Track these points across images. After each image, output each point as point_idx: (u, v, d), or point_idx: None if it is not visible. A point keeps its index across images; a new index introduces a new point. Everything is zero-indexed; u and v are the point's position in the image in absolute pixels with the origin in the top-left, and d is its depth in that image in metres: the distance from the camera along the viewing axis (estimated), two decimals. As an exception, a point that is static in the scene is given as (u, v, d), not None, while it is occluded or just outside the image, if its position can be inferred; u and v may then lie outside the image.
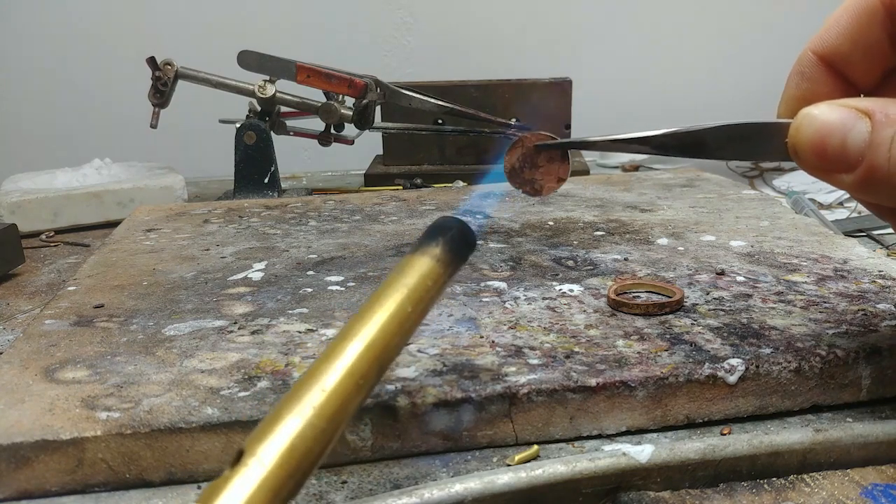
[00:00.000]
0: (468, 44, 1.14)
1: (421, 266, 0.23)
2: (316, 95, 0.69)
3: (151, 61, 0.66)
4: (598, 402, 0.28)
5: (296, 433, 0.18)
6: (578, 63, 1.12)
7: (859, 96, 0.28)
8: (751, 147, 0.27)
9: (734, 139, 0.27)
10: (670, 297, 0.34)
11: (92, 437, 0.25)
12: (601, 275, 0.39)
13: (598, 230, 0.48)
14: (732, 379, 0.28)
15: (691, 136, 0.27)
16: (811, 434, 0.26)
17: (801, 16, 1.22)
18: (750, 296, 0.35)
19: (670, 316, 0.33)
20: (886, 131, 0.24)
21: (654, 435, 0.28)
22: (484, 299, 0.36)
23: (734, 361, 0.28)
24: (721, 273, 0.39)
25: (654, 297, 0.35)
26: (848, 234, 0.54)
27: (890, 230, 0.57)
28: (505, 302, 0.36)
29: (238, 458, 0.17)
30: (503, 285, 0.38)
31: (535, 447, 0.27)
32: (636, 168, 0.91)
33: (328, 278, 0.40)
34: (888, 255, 0.50)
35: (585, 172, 0.77)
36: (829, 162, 0.25)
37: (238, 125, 0.70)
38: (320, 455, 0.19)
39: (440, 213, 0.54)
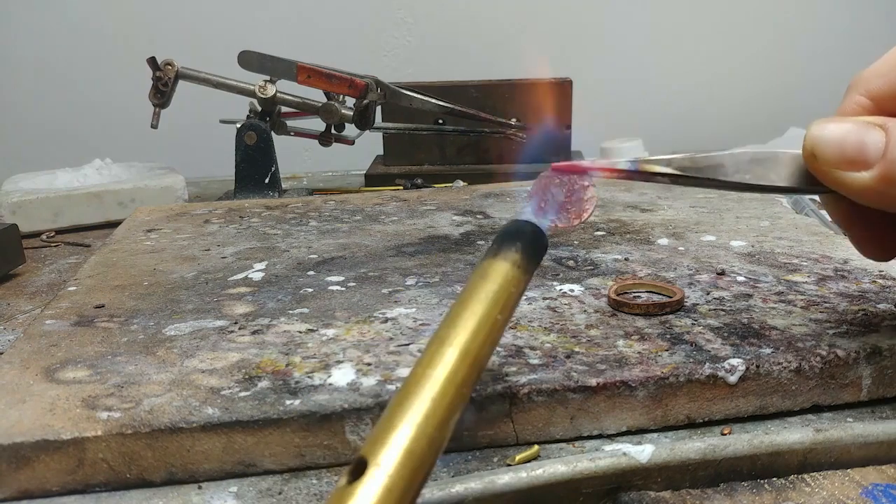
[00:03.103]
0: (468, 44, 1.14)
1: (503, 272, 0.23)
2: (316, 95, 0.69)
3: (152, 61, 0.66)
4: (598, 401, 0.28)
5: (411, 440, 0.18)
6: (578, 63, 1.12)
7: None
8: (765, 170, 0.28)
9: (751, 162, 0.28)
10: (671, 297, 0.34)
11: (92, 436, 0.25)
12: (602, 275, 0.39)
13: (598, 230, 0.48)
14: (733, 379, 0.28)
15: (709, 160, 0.28)
16: (811, 434, 0.26)
17: (801, 15, 1.22)
18: (750, 296, 0.35)
19: (671, 316, 0.33)
20: None
21: (655, 435, 0.28)
22: (484, 299, 0.36)
23: (735, 361, 0.28)
24: (721, 273, 0.39)
25: (655, 297, 0.35)
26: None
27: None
28: (505, 302, 0.36)
29: (360, 467, 0.18)
30: (503, 285, 0.38)
31: (536, 447, 0.27)
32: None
33: (329, 278, 0.40)
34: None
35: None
36: (847, 159, 0.26)
37: (239, 125, 0.70)
38: (432, 464, 0.19)
39: (441, 213, 0.54)
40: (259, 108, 0.70)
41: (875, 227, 0.29)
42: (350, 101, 0.68)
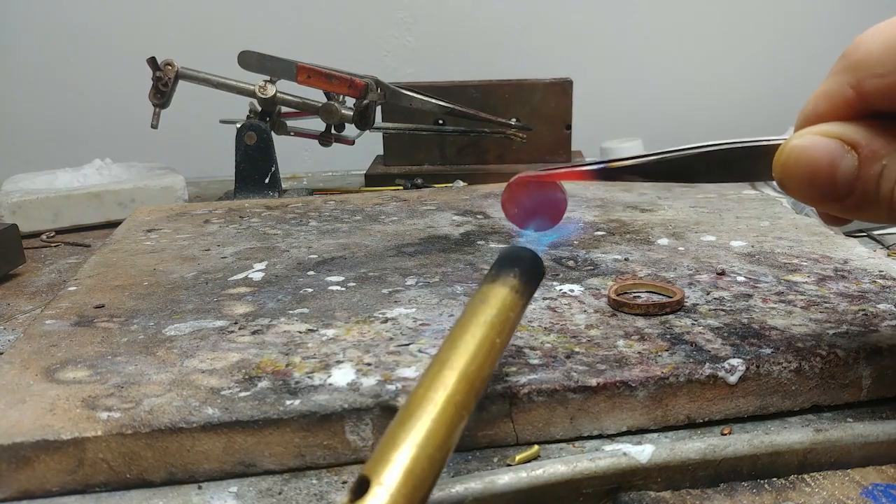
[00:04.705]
0: (468, 44, 1.14)
1: (502, 297, 0.24)
2: (316, 96, 0.69)
3: (152, 61, 0.66)
4: (598, 402, 0.28)
5: (412, 460, 0.19)
6: (578, 63, 1.12)
7: None
8: (738, 170, 0.27)
9: (721, 163, 0.27)
10: (671, 298, 0.34)
11: (93, 437, 0.25)
12: (602, 275, 0.39)
13: (598, 230, 0.48)
14: (733, 379, 0.28)
15: (678, 161, 0.28)
16: (812, 434, 0.26)
17: (801, 15, 1.22)
18: (750, 296, 0.35)
19: (671, 316, 0.33)
20: (874, 167, 0.24)
21: (655, 435, 0.28)
22: (484, 299, 0.36)
23: (735, 361, 0.28)
24: (721, 273, 0.39)
25: (655, 298, 0.35)
26: (848, 234, 0.54)
27: (891, 230, 0.57)
28: (505, 302, 0.36)
29: (363, 486, 0.18)
30: (503, 285, 0.38)
31: (536, 447, 0.27)
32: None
33: (329, 278, 0.40)
34: (888, 255, 0.50)
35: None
36: (817, 196, 0.25)
37: (239, 125, 0.70)
38: (434, 482, 0.19)
39: (441, 213, 0.54)
40: (259, 108, 0.70)
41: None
42: (350, 101, 0.68)
